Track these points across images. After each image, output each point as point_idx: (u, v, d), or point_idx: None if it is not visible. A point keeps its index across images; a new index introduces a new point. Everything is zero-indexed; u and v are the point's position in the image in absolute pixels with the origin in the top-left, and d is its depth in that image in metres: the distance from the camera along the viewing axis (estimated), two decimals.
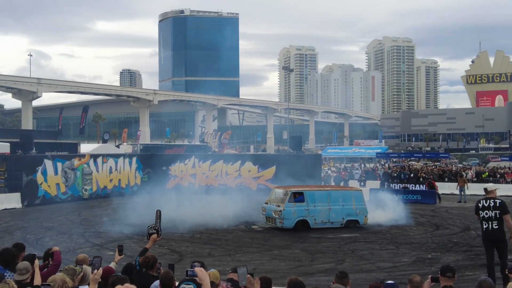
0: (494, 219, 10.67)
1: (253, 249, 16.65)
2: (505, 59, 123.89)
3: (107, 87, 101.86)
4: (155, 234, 7.25)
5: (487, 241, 11.01)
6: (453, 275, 6.34)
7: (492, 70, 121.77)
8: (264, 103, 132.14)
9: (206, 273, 5.19)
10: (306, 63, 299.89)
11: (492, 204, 10.71)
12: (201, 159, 37.10)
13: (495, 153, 74.73)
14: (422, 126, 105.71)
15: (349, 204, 20.47)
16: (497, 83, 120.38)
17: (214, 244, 17.55)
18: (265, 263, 14.61)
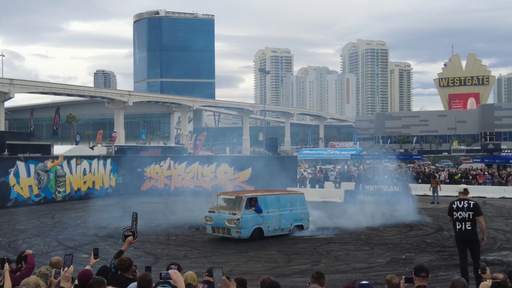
0: (467, 220, 10.84)
1: (230, 251, 16.63)
2: (477, 62, 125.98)
3: (81, 88, 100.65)
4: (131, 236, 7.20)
5: (460, 242, 11.17)
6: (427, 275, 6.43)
7: (464, 73, 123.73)
8: (240, 105, 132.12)
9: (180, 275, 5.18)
10: (282, 65, 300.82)
11: (466, 206, 10.88)
12: (177, 160, 36.93)
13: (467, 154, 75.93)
14: (395, 128, 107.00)
15: (295, 208, 19.69)
16: (469, 86, 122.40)
17: (190, 246, 17.49)
18: (241, 264, 14.61)
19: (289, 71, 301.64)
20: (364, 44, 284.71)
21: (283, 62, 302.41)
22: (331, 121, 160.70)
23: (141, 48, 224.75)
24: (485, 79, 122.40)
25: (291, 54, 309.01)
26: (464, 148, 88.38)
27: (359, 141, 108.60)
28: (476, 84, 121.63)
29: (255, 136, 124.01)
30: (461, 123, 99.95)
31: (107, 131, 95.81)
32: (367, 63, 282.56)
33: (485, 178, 39.35)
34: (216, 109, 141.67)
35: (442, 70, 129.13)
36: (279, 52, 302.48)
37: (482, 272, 6.62)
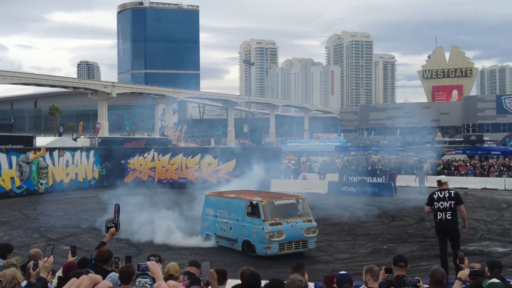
0: (448, 209, 10.92)
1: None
2: (460, 55, 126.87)
3: (64, 79, 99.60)
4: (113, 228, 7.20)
5: (441, 232, 11.26)
6: (405, 265, 6.50)
7: (447, 65, 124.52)
8: (225, 97, 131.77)
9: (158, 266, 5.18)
10: (267, 57, 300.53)
11: (447, 195, 10.96)
12: (161, 152, 36.79)
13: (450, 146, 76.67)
14: (380, 120, 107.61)
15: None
16: (452, 78, 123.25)
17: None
18: (224, 255, 14.62)
19: (274, 62, 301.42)
20: (349, 36, 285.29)
21: (268, 53, 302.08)
22: (316, 112, 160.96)
23: (125, 39, 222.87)
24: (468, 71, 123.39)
25: (276, 46, 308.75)
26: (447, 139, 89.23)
27: (343, 132, 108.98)
28: (459, 76, 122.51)
29: (240, 128, 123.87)
30: (445, 115, 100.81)
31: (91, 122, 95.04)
32: (352, 55, 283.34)
33: (467, 169, 39.75)
34: (201, 100, 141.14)
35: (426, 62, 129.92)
36: (264, 44, 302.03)
37: (460, 262, 6.70)
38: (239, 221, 14.81)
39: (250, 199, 14.63)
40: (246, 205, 14.54)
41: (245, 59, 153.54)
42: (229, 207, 15.41)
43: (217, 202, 15.91)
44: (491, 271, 6.44)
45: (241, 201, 15.02)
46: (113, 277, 5.40)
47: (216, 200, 16.02)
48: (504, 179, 34.87)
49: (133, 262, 6.39)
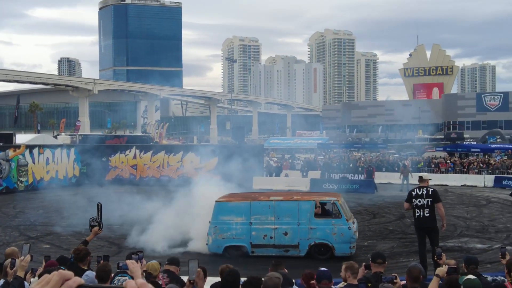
0: (426, 207, 11.05)
1: None
2: (441, 53, 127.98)
3: (45, 76, 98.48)
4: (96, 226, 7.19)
5: (419, 229, 11.39)
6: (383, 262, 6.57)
7: (428, 63, 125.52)
8: (208, 94, 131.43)
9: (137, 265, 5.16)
10: (250, 54, 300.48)
11: (425, 192, 11.09)
12: (142, 149, 36.61)
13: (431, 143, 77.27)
14: (361, 118, 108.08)
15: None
16: (433, 76, 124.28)
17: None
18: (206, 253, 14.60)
19: (257, 60, 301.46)
20: (331, 33, 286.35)
21: (251, 51, 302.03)
22: (299, 110, 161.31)
23: (107, 35, 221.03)
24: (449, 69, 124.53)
25: (259, 43, 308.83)
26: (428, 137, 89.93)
27: (325, 130, 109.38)
28: (440, 74, 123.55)
29: (222, 125, 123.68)
30: (425, 113, 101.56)
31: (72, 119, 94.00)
32: (334, 53, 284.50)
33: (447, 167, 40.17)
34: (183, 98, 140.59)
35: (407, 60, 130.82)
36: (247, 41, 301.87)
37: (438, 259, 6.79)
38: (302, 224, 13.87)
39: (319, 200, 14.15)
40: (313, 206, 13.77)
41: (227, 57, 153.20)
42: (276, 211, 13.98)
43: (250, 208, 14.10)
44: (468, 267, 6.54)
45: (302, 202, 14.07)
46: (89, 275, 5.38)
47: (246, 206, 14.16)
48: (484, 176, 35.31)
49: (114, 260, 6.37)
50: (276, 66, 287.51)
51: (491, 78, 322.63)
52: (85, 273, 5.62)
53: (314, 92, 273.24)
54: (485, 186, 33.30)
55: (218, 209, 14.13)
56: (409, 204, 11.29)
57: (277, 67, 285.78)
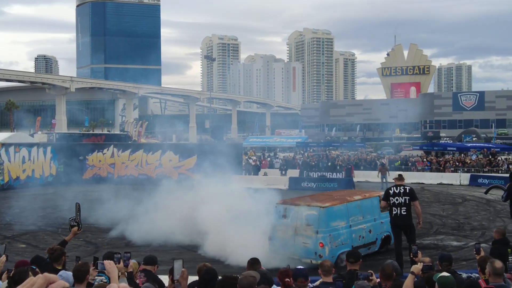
0: (403, 205, 11.17)
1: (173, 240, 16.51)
2: (418, 52, 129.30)
3: (21, 73, 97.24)
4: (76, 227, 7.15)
5: (396, 227, 11.50)
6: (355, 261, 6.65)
7: (406, 63, 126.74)
8: (187, 92, 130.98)
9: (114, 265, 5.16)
10: (229, 53, 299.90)
11: (402, 191, 11.21)
12: (120, 148, 36.34)
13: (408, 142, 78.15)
14: (340, 117, 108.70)
15: None
16: (411, 75, 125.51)
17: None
18: (184, 252, 14.59)
19: (236, 58, 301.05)
20: (310, 33, 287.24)
21: (230, 49, 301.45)
22: (278, 109, 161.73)
23: (85, 33, 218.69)
24: (426, 68, 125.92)
25: (238, 42, 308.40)
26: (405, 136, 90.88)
27: (304, 129, 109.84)
28: (417, 74, 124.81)
29: (201, 124, 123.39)
30: (403, 112, 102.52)
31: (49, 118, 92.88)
32: (313, 52, 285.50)
33: (423, 165, 40.64)
34: (162, 96, 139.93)
35: (385, 59, 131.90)
36: (226, 40, 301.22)
37: (414, 256, 6.89)
38: (376, 220, 14.09)
39: (379, 195, 14.13)
40: (378, 201, 13.65)
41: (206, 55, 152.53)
42: (361, 210, 13.87)
43: (347, 210, 13.52)
44: (441, 265, 6.65)
45: (373, 199, 14.26)
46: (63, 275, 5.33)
47: (345, 208, 13.47)
48: (460, 174, 35.80)
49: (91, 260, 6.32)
50: (255, 64, 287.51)
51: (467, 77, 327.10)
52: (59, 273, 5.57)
53: (293, 91, 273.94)
54: (461, 184, 33.76)
55: (327, 215, 12.94)
56: (386, 203, 11.39)
57: (256, 66, 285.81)
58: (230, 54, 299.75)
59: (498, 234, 9.15)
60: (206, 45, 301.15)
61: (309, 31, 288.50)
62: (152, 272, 6.62)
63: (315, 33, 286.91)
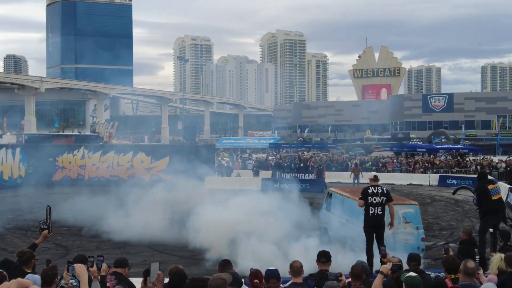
0: (380, 205, 11.28)
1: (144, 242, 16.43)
2: (389, 55, 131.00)
3: None
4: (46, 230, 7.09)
5: (371, 227, 11.52)
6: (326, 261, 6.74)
7: (377, 65, 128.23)
8: (159, 93, 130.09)
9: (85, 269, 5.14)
10: (202, 54, 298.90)
11: (380, 191, 11.30)
12: (91, 149, 35.92)
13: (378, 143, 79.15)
14: (312, 118, 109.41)
15: None
16: (382, 77, 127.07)
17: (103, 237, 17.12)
18: (156, 255, 14.53)
19: (209, 59, 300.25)
20: (283, 34, 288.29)
21: (203, 50, 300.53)
22: (251, 110, 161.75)
23: (55, 32, 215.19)
24: (396, 71, 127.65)
25: (211, 43, 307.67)
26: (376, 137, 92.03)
27: (277, 130, 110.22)
28: (388, 76, 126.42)
29: (174, 125, 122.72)
30: (374, 113, 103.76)
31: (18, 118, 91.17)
32: (286, 54, 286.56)
33: (394, 166, 41.20)
34: (134, 97, 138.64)
35: (357, 61, 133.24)
36: (199, 40, 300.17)
37: (383, 257, 7.01)
38: None
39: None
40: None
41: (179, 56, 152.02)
42: None
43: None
44: (410, 265, 6.78)
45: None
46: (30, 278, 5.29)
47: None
48: (429, 175, 36.43)
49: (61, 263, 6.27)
50: (228, 65, 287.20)
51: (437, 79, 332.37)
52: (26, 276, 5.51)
53: (266, 92, 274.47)
54: (430, 185, 34.35)
55: (420, 212, 13.98)
56: (363, 202, 11.33)
57: (229, 67, 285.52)
58: (202, 55, 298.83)
59: (465, 234, 9.35)
60: (178, 46, 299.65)
61: (281, 33, 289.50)
62: (123, 275, 6.60)
63: (288, 35, 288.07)
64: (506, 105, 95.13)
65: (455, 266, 6.43)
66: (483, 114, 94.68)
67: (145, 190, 18.73)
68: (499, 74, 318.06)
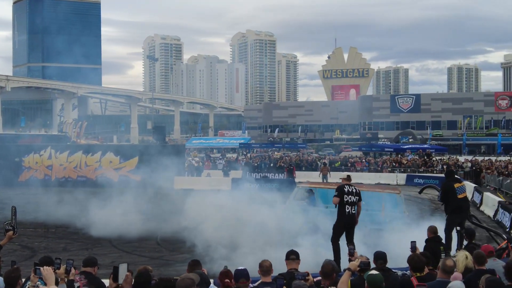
0: (354, 204, 11.37)
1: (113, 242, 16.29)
2: (358, 56, 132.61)
3: None
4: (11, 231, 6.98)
5: (345, 225, 11.49)
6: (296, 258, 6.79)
7: (346, 66, 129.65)
8: (128, 92, 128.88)
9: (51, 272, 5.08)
10: (172, 53, 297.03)
11: (354, 191, 11.40)
12: (58, 149, 35.34)
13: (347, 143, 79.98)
14: (282, 118, 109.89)
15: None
16: (350, 78, 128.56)
17: (70, 239, 16.91)
18: (124, 256, 14.41)
19: (179, 59, 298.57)
20: (253, 34, 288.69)
21: (173, 49, 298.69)
22: (221, 110, 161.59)
23: (21, 30, 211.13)
24: (365, 71, 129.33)
25: (181, 42, 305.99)
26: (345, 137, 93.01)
27: (247, 130, 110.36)
28: (356, 76, 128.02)
29: (143, 125, 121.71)
30: (343, 113, 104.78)
31: None
32: (256, 54, 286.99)
33: (362, 165, 41.70)
34: (102, 96, 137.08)
35: (326, 62, 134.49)
36: (168, 40, 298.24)
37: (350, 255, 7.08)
38: None
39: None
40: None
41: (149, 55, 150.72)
42: None
43: None
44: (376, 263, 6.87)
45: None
46: None
47: None
48: (396, 174, 36.99)
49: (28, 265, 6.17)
50: (199, 65, 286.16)
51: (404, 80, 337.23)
52: None
53: (236, 92, 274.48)
54: (397, 184, 34.83)
55: None
56: (339, 199, 11.29)
57: (200, 67, 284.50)
58: (172, 54, 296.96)
59: (430, 232, 9.51)
60: (148, 45, 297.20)
61: (252, 33, 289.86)
62: (93, 274, 6.54)
63: (258, 35, 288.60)
64: (472, 106, 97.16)
65: (421, 265, 6.54)
66: (450, 114, 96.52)
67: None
68: (465, 75, 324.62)
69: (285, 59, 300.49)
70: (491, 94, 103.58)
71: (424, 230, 9.74)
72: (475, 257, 6.72)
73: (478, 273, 6.32)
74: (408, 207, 15.82)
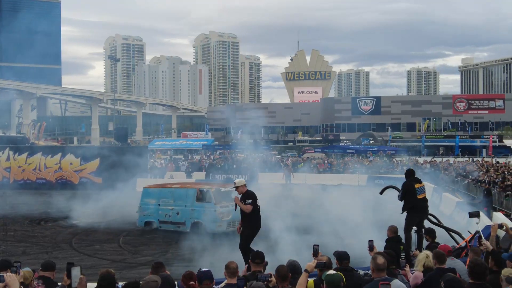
0: (259, 209, 11.28)
1: (74, 245, 16.03)
2: (320, 58, 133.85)
3: None
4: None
5: (257, 230, 11.35)
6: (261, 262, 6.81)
7: (308, 68, 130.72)
8: (89, 93, 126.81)
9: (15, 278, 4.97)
10: (134, 54, 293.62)
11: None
12: (17, 151, 34.52)
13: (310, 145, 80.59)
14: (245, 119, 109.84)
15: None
16: (313, 80, 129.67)
17: (29, 242, 16.57)
18: (85, 259, 14.19)
19: (141, 59, 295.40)
20: (216, 36, 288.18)
21: (135, 50, 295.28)
22: (184, 111, 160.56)
23: None
24: (327, 74, 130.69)
25: (143, 43, 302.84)
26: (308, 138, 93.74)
27: (211, 131, 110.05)
28: (319, 79, 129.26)
29: (105, 126, 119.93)
30: (305, 115, 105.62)
31: None
32: (219, 55, 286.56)
33: (325, 167, 42.08)
34: (62, 97, 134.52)
35: (289, 64, 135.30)
36: (130, 40, 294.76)
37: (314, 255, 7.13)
38: (187, 206, 18.47)
39: (199, 188, 18.91)
40: (195, 192, 18.44)
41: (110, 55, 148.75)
42: (174, 195, 19.24)
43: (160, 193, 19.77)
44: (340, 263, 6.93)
45: (189, 190, 19.00)
46: None
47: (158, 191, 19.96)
48: (358, 176, 37.43)
49: None
50: (161, 66, 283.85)
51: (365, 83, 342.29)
52: None
53: (199, 93, 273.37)
54: (359, 185, 35.26)
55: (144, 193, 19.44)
56: (252, 207, 11.09)
57: (162, 68, 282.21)
58: (134, 55, 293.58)
59: (390, 232, 9.67)
60: (109, 45, 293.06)
61: (215, 34, 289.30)
62: (51, 279, 6.42)
63: (221, 37, 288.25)
64: (430, 108, 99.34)
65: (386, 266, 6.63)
66: (409, 116, 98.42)
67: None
68: (424, 79, 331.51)
69: (248, 61, 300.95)
70: (449, 97, 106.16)
71: None
72: (436, 256, 6.88)
73: (439, 271, 6.47)
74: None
